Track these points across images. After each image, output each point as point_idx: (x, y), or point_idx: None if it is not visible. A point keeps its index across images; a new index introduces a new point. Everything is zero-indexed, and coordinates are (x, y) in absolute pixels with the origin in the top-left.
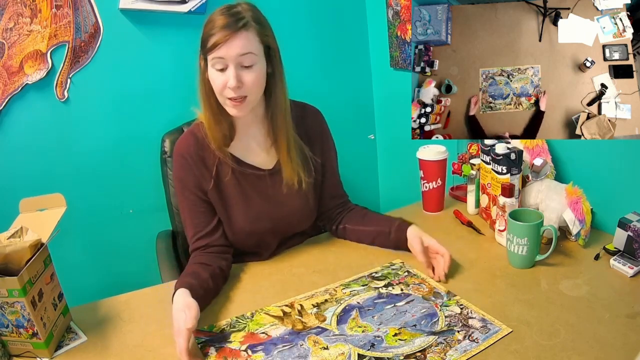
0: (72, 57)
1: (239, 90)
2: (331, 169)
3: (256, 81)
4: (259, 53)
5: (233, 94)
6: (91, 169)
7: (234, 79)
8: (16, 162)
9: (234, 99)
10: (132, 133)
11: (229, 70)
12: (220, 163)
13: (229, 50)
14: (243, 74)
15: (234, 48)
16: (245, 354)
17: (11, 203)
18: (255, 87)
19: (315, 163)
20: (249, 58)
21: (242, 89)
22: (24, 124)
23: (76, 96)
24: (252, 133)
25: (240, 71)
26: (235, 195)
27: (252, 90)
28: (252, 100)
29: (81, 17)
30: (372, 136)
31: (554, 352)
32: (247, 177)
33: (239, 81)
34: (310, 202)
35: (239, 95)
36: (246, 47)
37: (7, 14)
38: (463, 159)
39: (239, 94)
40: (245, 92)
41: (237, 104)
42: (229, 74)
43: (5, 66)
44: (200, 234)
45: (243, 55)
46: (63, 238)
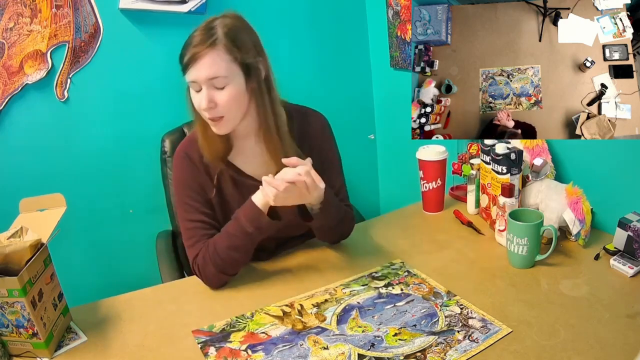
0: (72, 57)
1: (213, 112)
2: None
3: (230, 101)
4: (229, 73)
5: (208, 115)
6: (91, 169)
7: (205, 101)
8: (16, 162)
9: (211, 119)
10: (132, 133)
11: (202, 92)
12: (221, 173)
13: (198, 73)
14: (215, 94)
15: (202, 71)
16: (245, 353)
17: (11, 203)
18: (230, 106)
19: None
20: (218, 81)
21: (216, 110)
22: (24, 124)
23: (76, 96)
24: (249, 145)
25: (213, 92)
26: (236, 205)
27: (227, 110)
28: (231, 118)
29: (81, 17)
30: (372, 136)
31: (554, 352)
32: (248, 188)
33: (210, 101)
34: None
35: (215, 116)
36: (213, 70)
37: (7, 14)
38: (463, 159)
39: (214, 115)
40: (220, 112)
41: (216, 123)
42: (202, 95)
43: (5, 66)
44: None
45: (212, 79)
46: (63, 238)
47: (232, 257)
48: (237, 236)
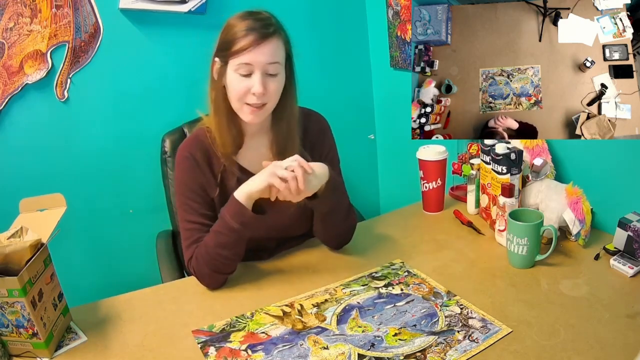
0: (72, 57)
1: (263, 97)
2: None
3: (278, 90)
4: (282, 62)
5: (256, 101)
6: (91, 169)
7: (260, 85)
8: (16, 162)
9: (254, 105)
10: (132, 133)
11: (255, 76)
12: (225, 171)
13: (258, 57)
14: (268, 81)
15: (263, 55)
16: (245, 353)
17: (11, 203)
18: (276, 95)
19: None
20: (275, 67)
21: (265, 96)
22: (24, 124)
23: (76, 96)
24: (257, 144)
25: (265, 78)
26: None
27: (272, 98)
28: (270, 107)
29: (81, 17)
30: (372, 136)
31: (554, 352)
32: None
33: (264, 87)
34: (308, 211)
35: (262, 102)
36: (275, 55)
37: (7, 14)
38: (463, 159)
39: (262, 101)
40: (266, 99)
41: (256, 110)
42: (255, 80)
43: (5, 66)
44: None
45: (270, 64)
46: (63, 238)
47: (222, 255)
48: (224, 233)
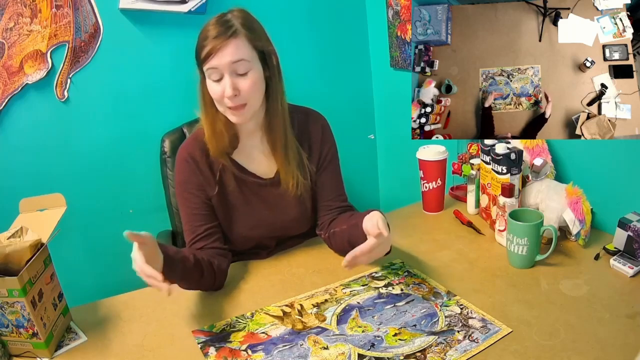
0: (72, 57)
1: (236, 99)
2: (329, 179)
3: (253, 87)
4: (251, 59)
5: (231, 103)
6: (91, 169)
7: (230, 88)
8: (16, 162)
9: (233, 107)
10: (132, 133)
11: (225, 79)
12: (223, 170)
13: (221, 59)
14: (238, 81)
15: (225, 56)
16: (245, 353)
17: (11, 203)
18: (253, 92)
19: (310, 170)
20: (242, 65)
21: (239, 97)
22: (24, 124)
23: (76, 96)
24: (254, 142)
25: (236, 79)
26: (237, 202)
27: (250, 96)
28: (253, 105)
29: (81, 17)
30: (372, 136)
31: (554, 352)
32: (249, 185)
33: (235, 89)
34: (308, 210)
35: (238, 104)
36: (237, 54)
37: (7, 14)
38: (463, 159)
39: (237, 102)
40: (243, 99)
41: (236, 111)
42: (225, 83)
43: (5, 66)
44: (199, 237)
45: (235, 63)
46: (63, 238)
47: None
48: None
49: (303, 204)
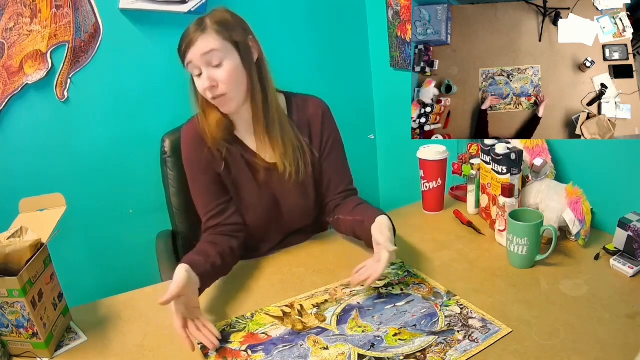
0: (72, 57)
1: (215, 90)
2: (334, 162)
3: (229, 77)
4: (223, 49)
5: (210, 94)
6: (91, 169)
7: (206, 80)
8: (16, 162)
9: (214, 98)
10: (132, 133)
11: (203, 74)
12: (229, 149)
13: (193, 53)
14: (214, 72)
15: (197, 49)
16: (245, 354)
17: (11, 203)
18: (230, 82)
19: (312, 155)
20: (214, 56)
21: (218, 88)
22: (24, 124)
23: (76, 96)
24: (251, 129)
25: (212, 71)
26: (243, 179)
27: (227, 86)
28: (234, 95)
29: (81, 17)
30: (372, 136)
31: (554, 352)
32: (253, 165)
33: (212, 80)
34: (311, 201)
35: (216, 94)
36: (207, 46)
37: (7, 14)
38: (463, 159)
39: (216, 93)
40: (222, 90)
41: (220, 102)
42: (203, 76)
43: (5, 66)
44: (212, 213)
45: (206, 54)
46: (63, 238)
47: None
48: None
49: (306, 193)
